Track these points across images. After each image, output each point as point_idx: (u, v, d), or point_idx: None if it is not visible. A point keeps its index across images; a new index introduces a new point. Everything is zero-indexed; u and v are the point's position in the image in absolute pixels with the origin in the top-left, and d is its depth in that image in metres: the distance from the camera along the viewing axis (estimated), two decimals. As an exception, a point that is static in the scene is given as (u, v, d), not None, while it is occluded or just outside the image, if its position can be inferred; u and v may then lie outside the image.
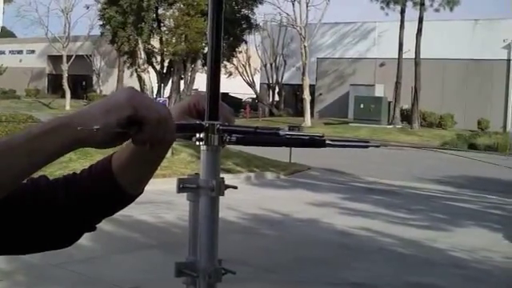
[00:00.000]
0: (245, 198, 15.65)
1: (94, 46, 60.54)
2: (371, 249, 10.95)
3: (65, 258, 9.15)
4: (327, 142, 1.47)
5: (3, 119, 16.63)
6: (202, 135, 1.40)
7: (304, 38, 44.12)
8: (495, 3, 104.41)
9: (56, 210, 1.47)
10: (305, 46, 44.00)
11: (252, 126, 1.42)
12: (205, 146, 1.42)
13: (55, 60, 65.48)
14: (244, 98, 60.84)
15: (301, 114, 46.90)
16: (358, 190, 17.93)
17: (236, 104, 52.40)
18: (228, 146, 1.44)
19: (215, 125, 1.40)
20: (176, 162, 19.23)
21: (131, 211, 13.11)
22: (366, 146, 1.58)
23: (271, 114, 52.86)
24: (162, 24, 25.58)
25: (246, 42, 29.43)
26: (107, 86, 59.02)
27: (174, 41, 24.80)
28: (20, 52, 72.17)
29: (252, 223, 12.78)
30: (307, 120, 43.50)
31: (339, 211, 14.29)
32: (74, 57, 58.20)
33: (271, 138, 1.51)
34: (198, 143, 1.43)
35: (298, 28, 44.60)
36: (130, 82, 26.75)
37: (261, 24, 43.07)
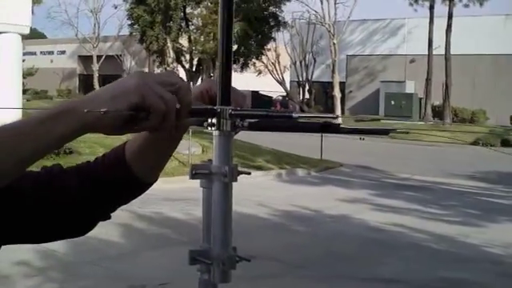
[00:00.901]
0: (276, 194, 15.66)
1: (124, 46, 60.90)
2: (403, 244, 10.86)
3: (97, 255, 9.23)
4: (342, 126, 1.44)
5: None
6: (213, 120, 1.37)
7: (333, 36, 43.99)
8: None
9: (70, 198, 1.46)
10: (334, 44, 43.86)
11: (264, 110, 1.40)
12: (217, 132, 1.39)
13: (86, 60, 66.00)
14: (274, 96, 60.80)
15: (331, 111, 46.75)
16: (390, 186, 17.82)
17: (266, 102, 52.40)
18: (259, 144, 1.41)
19: (227, 110, 1.37)
20: (207, 159, 19.11)
21: (162, 208, 13.19)
22: (384, 133, 1.55)
23: (302, 111, 52.75)
24: (190, 23, 25.61)
25: (274, 40, 29.33)
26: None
27: (202, 39, 24.83)
28: (51, 53, 72.78)
29: (283, 220, 12.74)
30: (338, 118, 43.34)
31: (371, 207, 14.21)
32: (104, 57, 58.65)
33: (284, 123, 1.49)
34: (209, 128, 1.40)
35: (327, 25, 44.48)
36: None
37: (289, 22, 43.08)
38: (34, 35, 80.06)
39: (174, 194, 15.02)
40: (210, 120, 1.38)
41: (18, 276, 8.15)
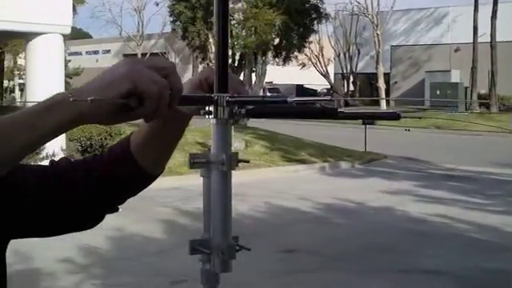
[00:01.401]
0: (318, 188, 15.62)
1: (168, 43, 61.26)
2: (446, 235, 10.73)
3: (140, 251, 9.32)
4: (340, 110, 1.41)
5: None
6: (211, 108, 1.36)
7: (376, 26, 43.74)
8: None
9: (77, 193, 1.47)
10: (377, 34, 43.62)
11: (260, 96, 1.38)
12: (214, 120, 1.38)
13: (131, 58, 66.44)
14: (319, 89, 60.64)
15: (377, 103, 46.46)
16: (435, 177, 17.63)
17: (311, 95, 52.24)
18: (300, 136, 1.40)
19: (224, 97, 1.36)
20: (249, 154, 19.27)
21: (205, 204, 13.21)
22: (384, 118, 1.52)
23: (346, 104, 52.51)
24: (231, 17, 25.62)
25: (316, 32, 29.21)
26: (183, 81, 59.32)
27: (243, 34, 24.83)
28: (96, 52, 73.60)
29: (324, 213, 12.69)
30: (383, 109, 43.05)
31: (414, 198, 14.07)
32: (148, 54, 59.06)
33: (282, 109, 1.47)
34: (207, 116, 1.39)
35: (370, 16, 44.22)
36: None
37: (332, 14, 42.90)
38: (80, 35, 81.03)
39: (217, 189, 15.06)
40: (207, 108, 1.37)
41: (62, 273, 8.25)
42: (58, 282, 7.95)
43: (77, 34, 78.59)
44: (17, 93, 49.17)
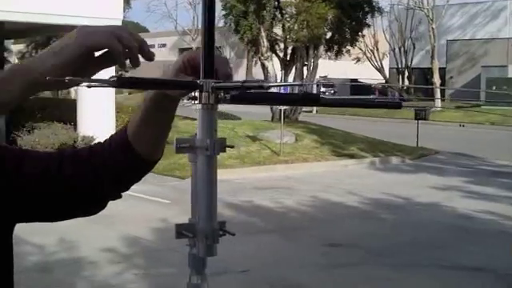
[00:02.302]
0: (367, 182, 15.54)
1: (223, 38, 61.46)
2: (492, 232, 10.58)
3: (182, 242, 9.32)
4: (322, 97, 1.41)
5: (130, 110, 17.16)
6: (196, 94, 1.38)
7: (432, 20, 43.14)
8: None
9: (81, 178, 1.51)
10: (433, 29, 43.02)
11: (240, 81, 1.39)
12: (199, 105, 1.39)
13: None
14: (373, 83, 60.18)
15: (431, 97, 45.89)
16: (485, 173, 17.37)
17: (365, 90, 51.91)
18: (350, 131, 1.40)
19: (209, 82, 1.37)
20: (299, 148, 19.27)
21: (252, 197, 13.29)
22: (382, 106, 1.50)
23: (401, 98, 51.98)
24: (283, 11, 25.58)
25: (368, 26, 28.93)
26: (236, 77, 59.35)
27: (295, 27, 24.75)
28: (152, 46, 72.38)
29: (371, 207, 12.63)
30: (437, 104, 42.54)
31: (462, 195, 13.90)
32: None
33: (265, 95, 1.47)
34: (192, 102, 1.40)
35: (426, 10, 43.68)
36: (259, 71, 26.87)
37: (387, 7, 42.52)
38: (137, 29, 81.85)
39: (264, 182, 15.12)
40: (192, 93, 1.38)
41: (104, 262, 8.37)
42: (100, 271, 8.07)
43: (133, 28, 79.37)
44: (72, 86, 49.89)
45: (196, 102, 1.38)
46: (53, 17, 13.73)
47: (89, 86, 1.37)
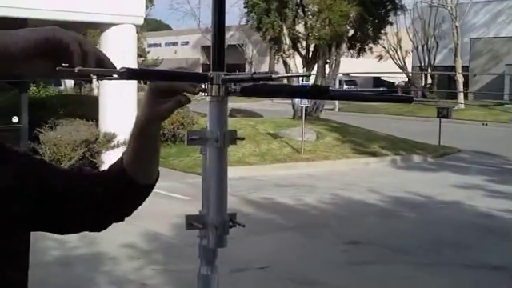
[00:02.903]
0: (388, 180, 15.48)
1: (246, 35, 61.43)
2: (514, 231, 10.52)
3: (202, 239, 9.39)
4: (331, 89, 1.41)
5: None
6: (206, 86, 1.40)
7: (455, 18, 42.87)
8: None
9: (92, 200, 1.61)
10: (456, 26, 42.77)
11: (250, 73, 1.39)
12: (209, 97, 1.40)
13: (208, 50, 65.23)
14: (396, 81, 59.94)
15: (454, 96, 45.63)
16: (508, 172, 17.25)
17: (388, 87, 51.68)
18: (372, 129, 1.40)
19: (220, 75, 1.39)
20: (320, 145, 19.24)
21: (273, 194, 13.30)
22: (393, 101, 1.50)
23: (424, 96, 51.72)
24: (305, 9, 25.53)
25: (391, 24, 28.80)
26: (259, 75, 59.48)
27: (318, 25, 24.70)
28: (175, 44, 74.36)
29: (393, 206, 12.59)
30: (460, 102, 42.25)
31: (485, 194, 13.81)
32: (226, 46, 59.36)
33: (275, 87, 1.48)
34: (202, 94, 1.42)
35: (449, 8, 43.42)
36: (281, 68, 26.84)
37: (410, 5, 42.33)
38: (160, 27, 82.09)
39: (285, 179, 15.12)
40: (203, 85, 1.40)
41: (124, 258, 8.43)
42: (119, 267, 8.13)
43: (157, 26, 79.64)
44: (94, 84, 50.15)
45: (206, 94, 1.40)
46: (75, 14, 13.79)
47: (98, 78, 1.41)
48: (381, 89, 51.17)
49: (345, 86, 51.24)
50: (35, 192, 1.51)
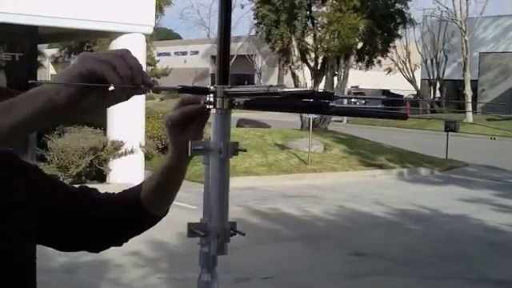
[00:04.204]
0: (395, 193, 15.49)
1: (256, 46, 61.53)
2: (520, 246, 10.54)
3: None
4: (332, 105, 1.45)
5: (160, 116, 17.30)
6: (211, 99, 1.45)
7: (465, 32, 42.89)
8: None
9: (95, 223, 1.66)
10: (465, 41, 42.76)
11: (250, 86, 1.44)
12: (214, 110, 1.45)
13: None
14: (405, 94, 59.96)
15: (462, 110, 45.58)
16: (516, 186, 17.26)
17: (396, 100, 51.65)
18: (379, 141, 1.42)
19: (223, 88, 1.44)
20: (328, 157, 19.27)
21: (278, 204, 13.32)
22: (385, 117, 1.53)
23: (433, 110, 51.70)
24: (315, 21, 25.62)
25: (400, 37, 28.86)
26: (268, 85, 59.50)
27: (327, 37, 24.79)
28: (184, 53, 74.56)
29: (398, 218, 12.60)
30: (469, 116, 42.22)
31: (491, 208, 13.81)
32: (235, 57, 59.52)
33: (277, 102, 1.52)
34: (207, 107, 1.47)
35: (459, 22, 43.45)
36: (290, 80, 26.90)
37: (420, 19, 42.35)
38: (170, 36, 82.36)
39: (292, 190, 15.15)
40: (207, 98, 1.45)
41: (130, 266, 8.47)
42: (125, 275, 8.17)
43: (167, 35, 79.92)
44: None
45: (211, 106, 1.45)
46: (85, 22, 13.89)
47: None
48: (378, 106, 51.06)
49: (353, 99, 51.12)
50: (44, 208, 1.56)
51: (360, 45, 26.06)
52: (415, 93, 57.29)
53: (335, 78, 25.90)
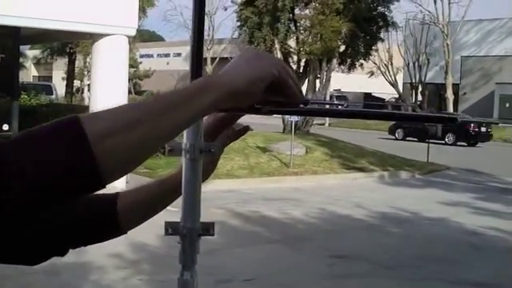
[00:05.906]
0: (376, 196, 15.57)
1: (239, 48, 61.58)
2: (499, 249, 10.62)
3: (188, 250, 9.43)
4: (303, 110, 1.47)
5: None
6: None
7: (447, 36, 43.18)
8: None
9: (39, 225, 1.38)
10: (447, 44, 43.08)
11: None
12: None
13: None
14: (387, 97, 60.23)
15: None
16: (494, 190, 17.39)
17: (378, 103, 51.92)
18: (361, 144, 1.41)
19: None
20: (309, 160, 19.33)
21: (259, 207, 13.35)
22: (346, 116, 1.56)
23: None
24: (297, 24, 25.69)
25: (382, 41, 29.01)
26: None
27: (309, 40, 24.87)
28: (167, 55, 74.45)
29: (379, 221, 12.67)
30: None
31: (470, 211, 13.93)
32: (217, 59, 59.53)
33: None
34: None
35: (441, 26, 43.73)
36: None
37: (402, 22, 42.61)
38: (153, 38, 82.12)
39: (273, 193, 15.19)
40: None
41: (111, 267, 8.47)
42: (106, 276, 8.17)
43: (149, 37, 79.70)
44: (86, 93, 50.10)
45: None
46: (68, 23, 13.86)
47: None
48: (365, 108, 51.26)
49: (335, 101, 51.33)
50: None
51: (342, 48, 26.16)
52: (397, 96, 57.54)
53: (317, 81, 25.97)
